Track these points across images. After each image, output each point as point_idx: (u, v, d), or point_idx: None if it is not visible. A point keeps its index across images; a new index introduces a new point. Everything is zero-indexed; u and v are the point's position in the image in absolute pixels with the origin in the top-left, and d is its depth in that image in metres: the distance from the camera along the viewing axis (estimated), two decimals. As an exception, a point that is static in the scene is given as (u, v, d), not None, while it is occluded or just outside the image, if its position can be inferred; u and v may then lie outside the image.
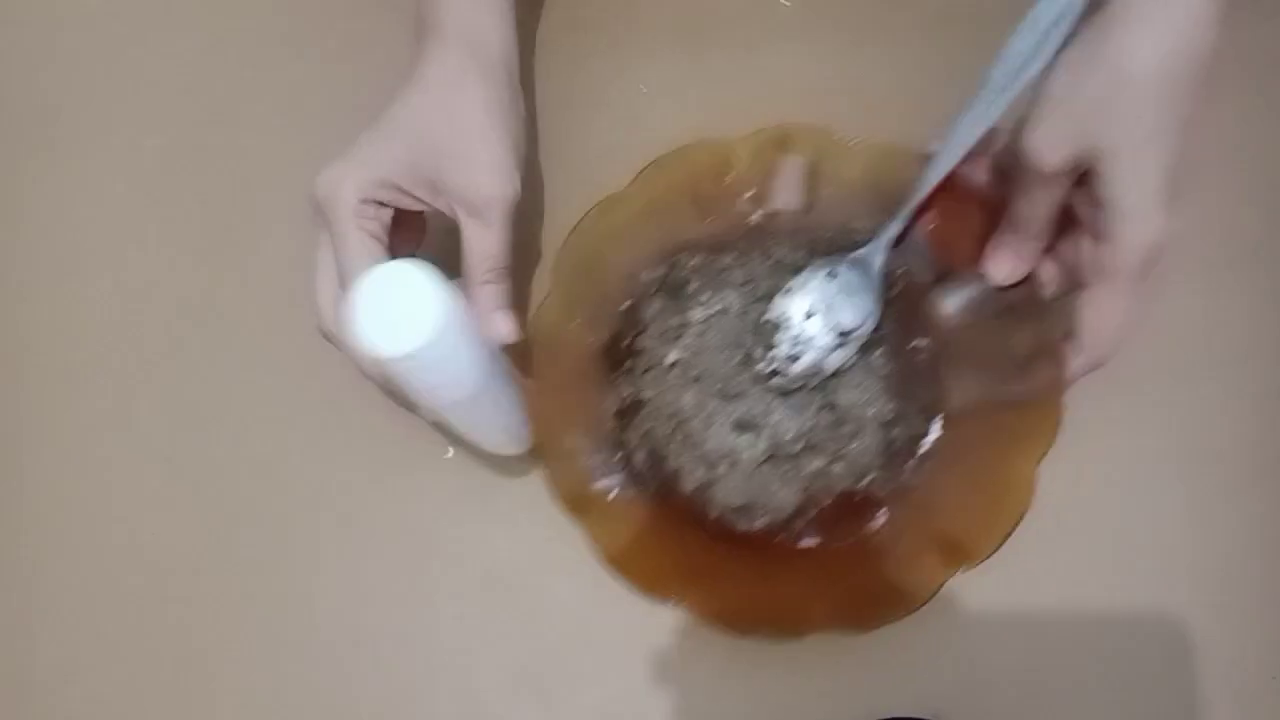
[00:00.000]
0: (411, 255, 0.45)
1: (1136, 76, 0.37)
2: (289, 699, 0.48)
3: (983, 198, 0.45)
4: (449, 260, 0.41)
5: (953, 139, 0.43)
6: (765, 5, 0.56)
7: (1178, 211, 0.38)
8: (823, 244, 0.48)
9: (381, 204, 0.42)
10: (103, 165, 0.57)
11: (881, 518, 0.45)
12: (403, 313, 0.33)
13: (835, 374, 0.47)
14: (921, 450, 0.46)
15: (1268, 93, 0.52)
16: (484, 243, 0.42)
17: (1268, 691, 0.45)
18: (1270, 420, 0.48)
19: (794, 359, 0.47)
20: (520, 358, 0.45)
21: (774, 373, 0.47)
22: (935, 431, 0.46)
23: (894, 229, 0.46)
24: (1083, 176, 0.39)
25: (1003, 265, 0.43)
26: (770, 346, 0.47)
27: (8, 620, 0.50)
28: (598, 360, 0.48)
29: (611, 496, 0.45)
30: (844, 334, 0.47)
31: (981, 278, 0.44)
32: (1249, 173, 0.51)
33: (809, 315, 0.47)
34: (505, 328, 0.42)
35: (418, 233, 0.46)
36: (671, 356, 0.48)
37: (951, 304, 0.47)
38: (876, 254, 0.46)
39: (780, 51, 0.54)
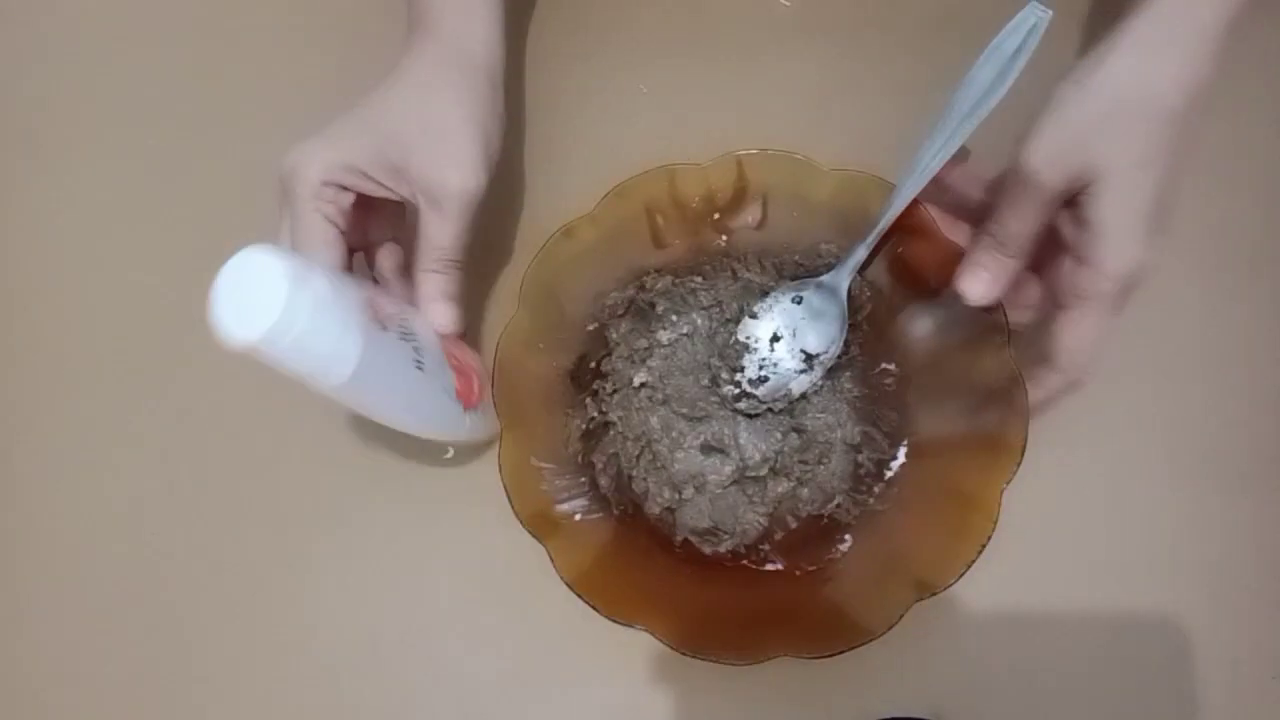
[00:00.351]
0: (387, 243, 0.45)
1: (1134, 102, 0.37)
2: (280, 700, 0.48)
3: (948, 223, 0.45)
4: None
5: (918, 165, 0.43)
6: (748, 29, 0.56)
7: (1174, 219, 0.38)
8: (790, 266, 0.48)
9: (344, 188, 0.42)
10: (103, 165, 0.57)
11: (846, 544, 0.45)
12: (251, 298, 0.32)
13: (803, 397, 0.47)
14: (888, 475, 0.46)
15: (1266, 96, 0.52)
16: (439, 233, 0.42)
17: (1267, 691, 0.45)
18: (1265, 421, 0.48)
19: (761, 382, 0.47)
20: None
21: (741, 395, 0.47)
22: (901, 457, 0.46)
23: (860, 254, 0.46)
24: (1072, 199, 0.39)
25: (978, 284, 0.42)
26: (738, 369, 0.47)
27: (1, 619, 0.50)
28: (564, 382, 0.47)
29: (577, 518, 0.45)
30: (810, 358, 0.47)
31: (951, 302, 0.44)
32: (1246, 176, 0.51)
33: (776, 339, 0.47)
34: (443, 317, 0.43)
35: (395, 220, 0.46)
36: (639, 378, 0.48)
37: (918, 329, 0.46)
38: (843, 279, 0.46)
39: (759, 74, 0.55)
